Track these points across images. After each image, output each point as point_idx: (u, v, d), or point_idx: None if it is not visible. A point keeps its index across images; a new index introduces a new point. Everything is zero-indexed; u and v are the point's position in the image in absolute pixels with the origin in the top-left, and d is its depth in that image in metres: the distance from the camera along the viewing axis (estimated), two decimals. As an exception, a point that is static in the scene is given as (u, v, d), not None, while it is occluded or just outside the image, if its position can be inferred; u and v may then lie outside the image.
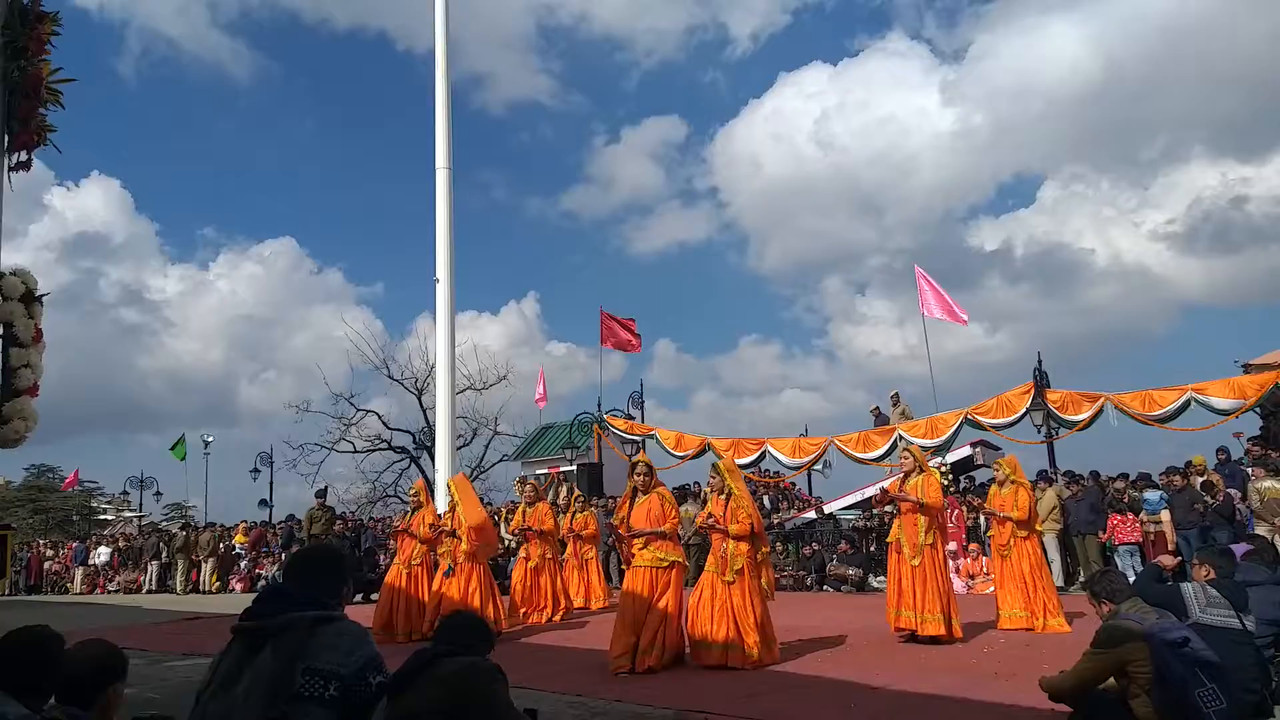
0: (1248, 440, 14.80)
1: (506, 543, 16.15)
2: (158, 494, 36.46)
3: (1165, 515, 13.33)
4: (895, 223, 73.02)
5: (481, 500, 24.79)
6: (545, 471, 26.54)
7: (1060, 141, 69.34)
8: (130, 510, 40.63)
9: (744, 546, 7.98)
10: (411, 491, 12.16)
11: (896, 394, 20.94)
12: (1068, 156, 71.34)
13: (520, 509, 12.72)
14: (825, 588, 15.68)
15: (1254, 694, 5.12)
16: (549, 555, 12.23)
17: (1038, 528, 10.30)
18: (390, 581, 11.06)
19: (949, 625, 8.50)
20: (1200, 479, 13.20)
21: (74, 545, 28.64)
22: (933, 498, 8.78)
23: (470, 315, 61.57)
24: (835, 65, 78.96)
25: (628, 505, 8.61)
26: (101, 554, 26.10)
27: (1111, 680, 4.78)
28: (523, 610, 11.70)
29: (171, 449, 35.85)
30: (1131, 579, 6.05)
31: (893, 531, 9.12)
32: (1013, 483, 10.23)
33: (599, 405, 24.93)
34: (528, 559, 12.10)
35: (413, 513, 11.54)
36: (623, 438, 23.94)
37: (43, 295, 5.85)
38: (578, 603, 13.39)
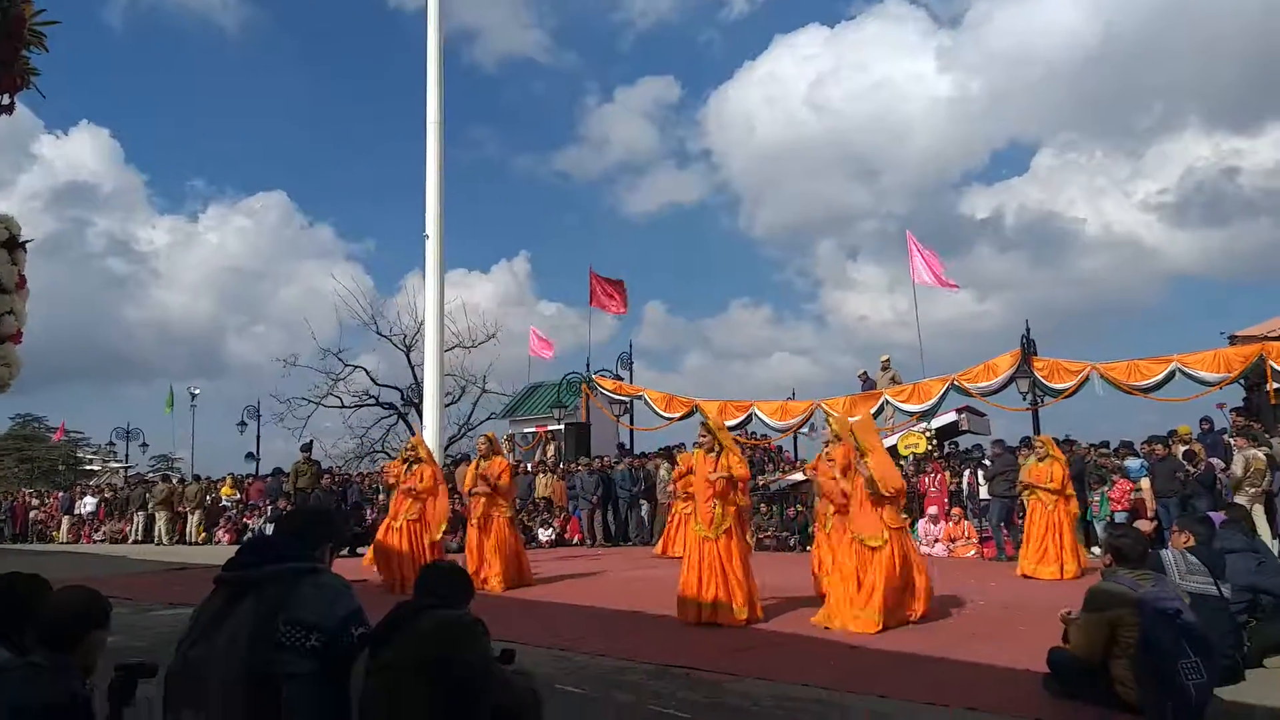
0: (1231, 411, 14.92)
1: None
2: (144, 445, 36.36)
3: (1145, 483, 13.44)
4: (888, 188, 72.73)
5: (468, 458, 24.89)
6: (533, 430, 26.59)
7: (1056, 109, 68.97)
8: (116, 461, 40.55)
9: (731, 508, 7.99)
10: (408, 446, 11.96)
11: (888, 359, 21.00)
12: (1063, 124, 71.09)
13: (474, 464, 11.52)
14: (808, 548, 15.78)
15: (1227, 659, 5.21)
16: (500, 514, 10.99)
17: (1067, 492, 11.47)
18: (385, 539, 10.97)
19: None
20: (1183, 448, 13.31)
21: (60, 495, 28.64)
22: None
23: (460, 273, 61.17)
24: (832, 28, 78.13)
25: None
26: (87, 504, 26.13)
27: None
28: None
29: (167, 407, 35.79)
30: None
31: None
32: (1049, 457, 11.49)
33: (588, 365, 24.95)
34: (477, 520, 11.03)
35: (409, 467, 11.30)
36: (611, 398, 23.97)
37: (26, 241, 5.77)
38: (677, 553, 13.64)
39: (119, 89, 75.22)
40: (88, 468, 47.35)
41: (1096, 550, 11.90)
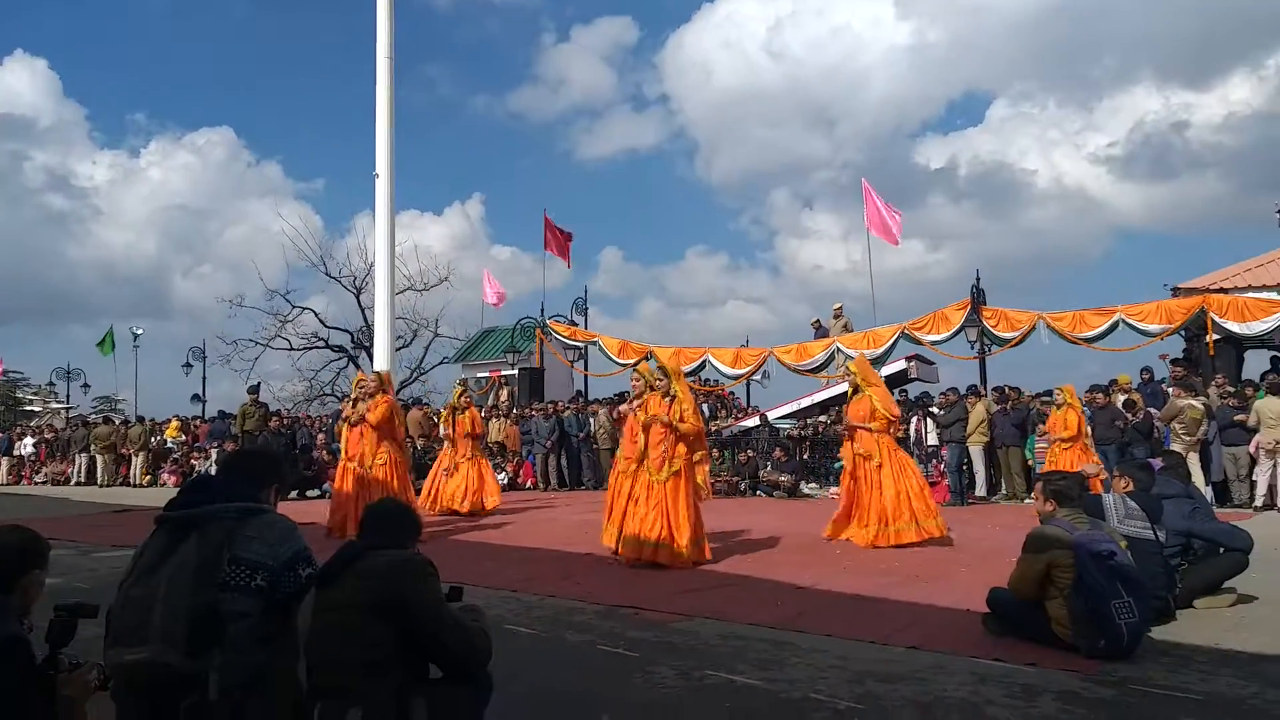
0: (1170, 362, 15.30)
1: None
2: (85, 386, 35.57)
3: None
4: (844, 137, 72.78)
5: (420, 401, 24.77)
6: (486, 375, 26.48)
7: (1013, 59, 69.28)
8: (57, 402, 39.67)
9: (682, 448, 8.04)
10: (358, 381, 11.44)
11: (840, 307, 21.19)
12: (1019, 74, 71.42)
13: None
14: (758, 493, 16.03)
15: (1160, 600, 5.38)
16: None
17: (1085, 441, 12.20)
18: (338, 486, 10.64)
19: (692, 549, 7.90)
20: (1123, 397, 13.64)
21: (-1, 435, 28.02)
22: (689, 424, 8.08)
23: (412, 215, 60.29)
24: (791, -31, 77.06)
25: None
26: (27, 445, 25.60)
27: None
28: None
29: (99, 345, 34.74)
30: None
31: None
32: (1066, 405, 12.18)
33: (542, 310, 24.85)
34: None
35: (355, 405, 10.68)
36: (565, 343, 23.93)
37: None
38: None
39: (55, 17, 72.16)
40: (28, 408, 46.27)
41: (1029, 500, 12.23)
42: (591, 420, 18.26)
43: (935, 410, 15.36)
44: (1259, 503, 12.42)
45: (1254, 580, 6.16)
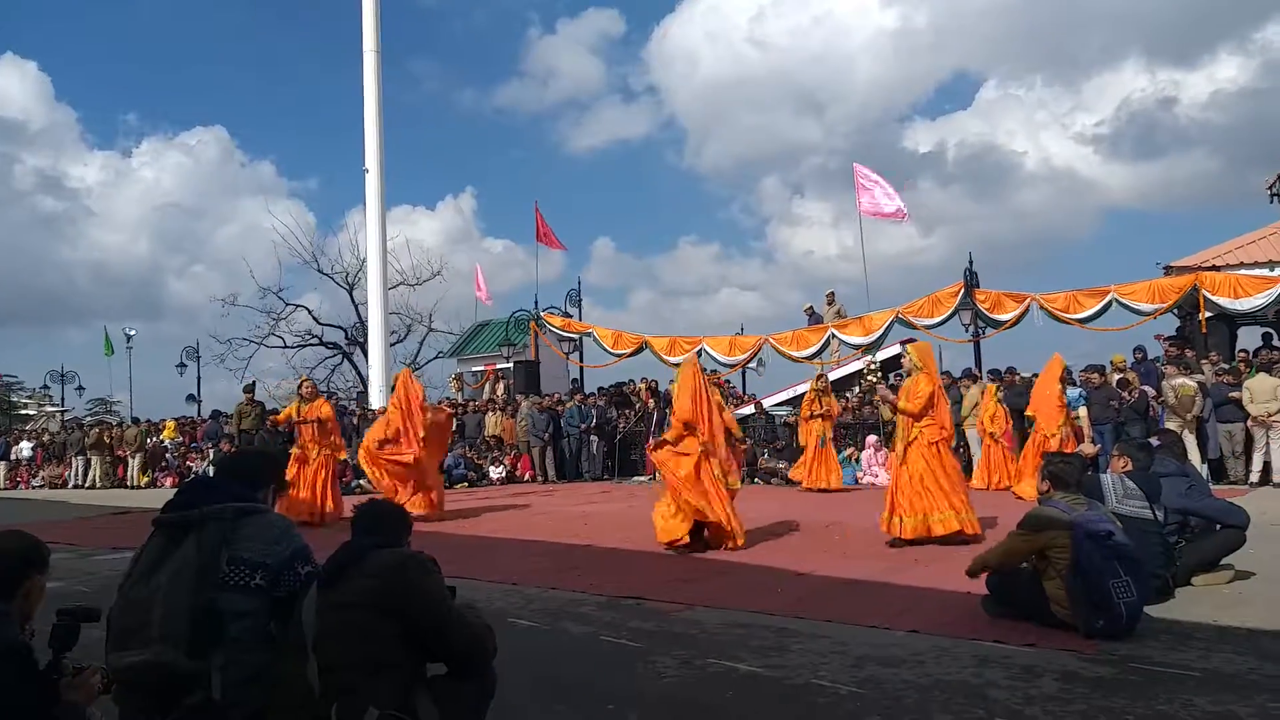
0: (1165, 340, 15.33)
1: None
2: (80, 389, 35.52)
3: (1083, 411, 13.81)
4: (832, 123, 72.71)
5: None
6: (481, 369, 26.44)
7: (1000, 40, 69.19)
8: (52, 405, 39.57)
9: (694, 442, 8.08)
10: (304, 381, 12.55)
11: (832, 293, 21.19)
12: (1007, 56, 71.32)
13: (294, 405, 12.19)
14: (756, 480, 16.05)
15: (1158, 578, 5.41)
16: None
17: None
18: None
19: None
20: (1118, 376, 13.67)
21: (-5, 440, 27.95)
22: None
23: (405, 209, 60.27)
24: (775, -43, 76.68)
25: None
26: (24, 449, 25.55)
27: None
28: None
29: (106, 352, 34.74)
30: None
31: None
32: None
33: (536, 303, 24.78)
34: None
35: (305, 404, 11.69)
36: (560, 335, 23.88)
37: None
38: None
39: (45, 20, 71.64)
40: (23, 412, 46.13)
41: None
42: (594, 411, 18.38)
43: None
44: (1254, 479, 12.47)
45: (1251, 556, 6.19)
